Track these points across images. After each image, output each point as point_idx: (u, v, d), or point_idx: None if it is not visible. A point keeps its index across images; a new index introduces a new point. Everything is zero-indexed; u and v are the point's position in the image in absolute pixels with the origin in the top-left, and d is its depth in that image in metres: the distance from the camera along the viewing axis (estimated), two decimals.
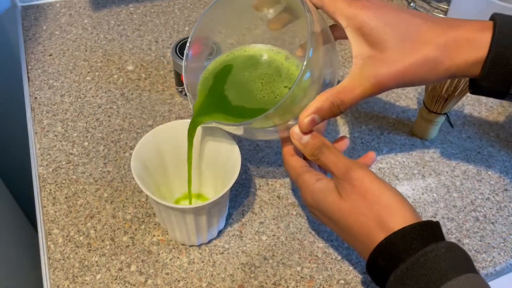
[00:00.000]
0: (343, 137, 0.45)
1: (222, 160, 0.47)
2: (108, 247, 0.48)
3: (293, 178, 0.44)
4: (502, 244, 0.51)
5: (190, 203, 0.49)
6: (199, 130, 0.46)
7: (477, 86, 0.40)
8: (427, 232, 0.36)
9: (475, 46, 0.38)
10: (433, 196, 0.54)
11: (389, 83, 0.38)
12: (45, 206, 0.51)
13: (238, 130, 0.43)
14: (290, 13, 0.45)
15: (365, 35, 0.39)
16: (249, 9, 0.46)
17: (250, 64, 0.47)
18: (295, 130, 0.41)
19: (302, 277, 0.47)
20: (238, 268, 0.48)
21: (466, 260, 0.35)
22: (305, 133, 0.40)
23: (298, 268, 0.48)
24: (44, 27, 0.72)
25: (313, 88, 0.40)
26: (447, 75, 0.39)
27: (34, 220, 0.53)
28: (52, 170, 0.54)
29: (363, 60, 0.39)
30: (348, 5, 0.39)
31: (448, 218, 0.53)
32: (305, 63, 0.36)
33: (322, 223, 0.43)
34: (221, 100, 0.45)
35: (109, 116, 0.60)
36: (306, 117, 0.39)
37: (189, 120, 0.45)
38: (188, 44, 0.45)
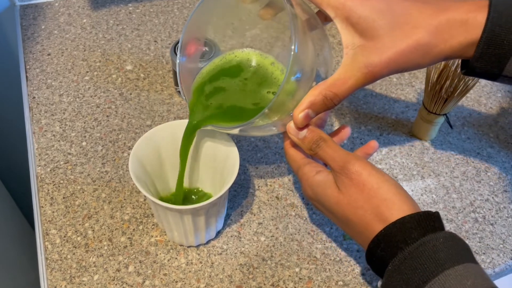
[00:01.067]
0: (344, 126, 0.45)
1: (221, 161, 0.47)
2: (106, 247, 0.48)
3: (294, 170, 0.44)
4: (501, 246, 0.50)
5: (179, 203, 0.48)
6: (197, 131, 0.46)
7: (469, 67, 0.39)
8: (425, 223, 0.35)
9: (469, 28, 0.37)
10: (432, 197, 0.54)
11: (382, 71, 0.38)
12: (42, 206, 0.51)
13: (233, 130, 0.43)
14: (276, 5, 0.45)
15: (354, 24, 0.38)
16: (240, 4, 0.46)
17: (237, 70, 0.48)
18: (291, 125, 0.41)
19: (300, 278, 0.47)
20: (236, 269, 0.47)
21: (464, 251, 0.35)
22: (301, 128, 0.40)
23: (297, 269, 0.48)
24: (43, 27, 0.72)
25: (304, 82, 0.40)
26: (440, 58, 0.38)
27: (32, 220, 0.53)
28: (50, 170, 0.54)
29: (353, 50, 0.38)
30: None
31: (447, 219, 0.52)
32: (291, 58, 0.36)
33: (323, 214, 0.43)
34: (212, 106, 0.45)
35: (107, 116, 0.60)
36: (300, 112, 0.39)
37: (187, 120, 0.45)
38: (179, 50, 0.44)
